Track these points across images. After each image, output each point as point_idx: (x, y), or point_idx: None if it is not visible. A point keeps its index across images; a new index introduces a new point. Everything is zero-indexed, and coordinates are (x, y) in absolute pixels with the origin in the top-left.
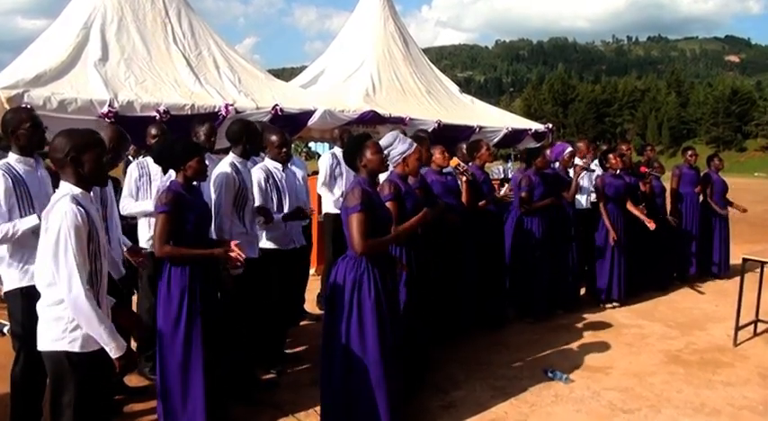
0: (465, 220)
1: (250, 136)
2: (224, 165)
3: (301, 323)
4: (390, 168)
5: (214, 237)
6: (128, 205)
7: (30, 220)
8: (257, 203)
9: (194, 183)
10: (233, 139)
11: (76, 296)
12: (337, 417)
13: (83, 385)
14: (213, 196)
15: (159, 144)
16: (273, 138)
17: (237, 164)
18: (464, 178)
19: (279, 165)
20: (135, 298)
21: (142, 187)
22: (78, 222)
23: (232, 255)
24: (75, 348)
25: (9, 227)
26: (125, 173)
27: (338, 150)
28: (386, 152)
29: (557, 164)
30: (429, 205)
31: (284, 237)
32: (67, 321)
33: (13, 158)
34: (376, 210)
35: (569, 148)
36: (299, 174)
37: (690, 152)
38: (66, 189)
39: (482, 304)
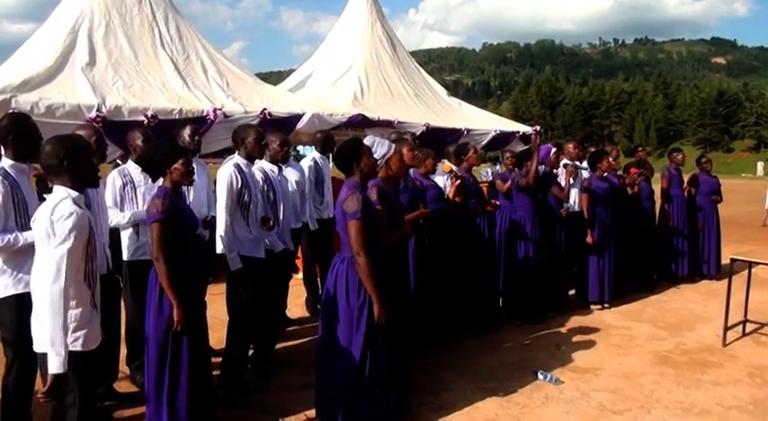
0: (454, 222)
1: (254, 136)
2: (228, 166)
3: (288, 328)
4: None
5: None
6: (114, 216)
7: (32, 235)
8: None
9: (182, 187)
10: (236, 142)
11: (57, 291)
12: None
13: (85, 384)
14: (217, 196)
15: (142, 151)
16: (273, 137)
17: (242, 165)
18: (457, 181)
19: (275, 168)
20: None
21: (127, 196)
22: (83, 225)
23: None
24: (78, 347)
25: (10, 237)
26: None
27: (317, 155)
28: None
29: (542, 166)
30: (409, 211)
31: (276, 238)
32: (71, 322)
33: (7, 164)
34: (371, 215)
35: (553, 149)
36: (294, 178)
37: (679, 155)
38: (64, 192)
39: (474, 305)
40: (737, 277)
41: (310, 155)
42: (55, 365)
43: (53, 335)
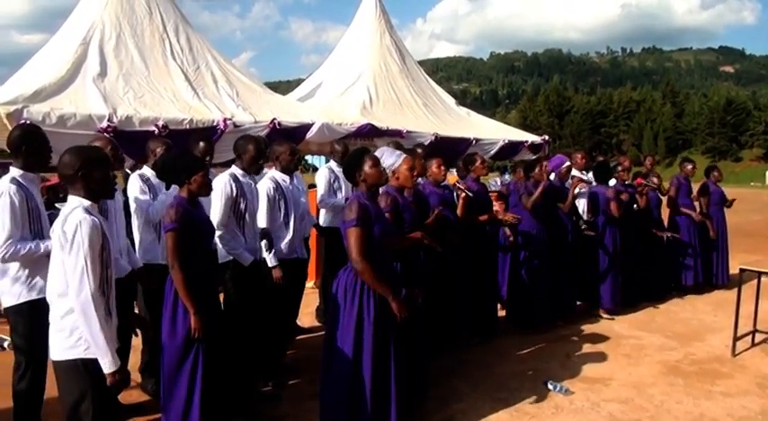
0: (460, 228)
1: (252, 149)
2: (223, 175)
3: (299, 336)
4: None
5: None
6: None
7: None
8: (264, 213)
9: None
10: (237, 152)
11: (85, 299)
12: None
13: (99, 392)
14: (212, 204)
15: (161, 159)
16: (284, 147)
17: (239, 175)
18: (462, 195)
19: (286, 177)
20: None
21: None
22: (94, 231)
23: None
24: (90, 354)
25: (32, 245)
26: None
27: (334, 164)
28: None
29: (552, 175)
30: (424, 219)
31: (288, 246)
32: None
33: (17, 173)
34: (377, 224)
35: (567, 162)
36: (303, 187)
37: (690, 166)
38: (77, 202)
39: (476, 311)
40: (747, 287)
41: (327, 165)
42: (106, 366)
43: (95, 340)
